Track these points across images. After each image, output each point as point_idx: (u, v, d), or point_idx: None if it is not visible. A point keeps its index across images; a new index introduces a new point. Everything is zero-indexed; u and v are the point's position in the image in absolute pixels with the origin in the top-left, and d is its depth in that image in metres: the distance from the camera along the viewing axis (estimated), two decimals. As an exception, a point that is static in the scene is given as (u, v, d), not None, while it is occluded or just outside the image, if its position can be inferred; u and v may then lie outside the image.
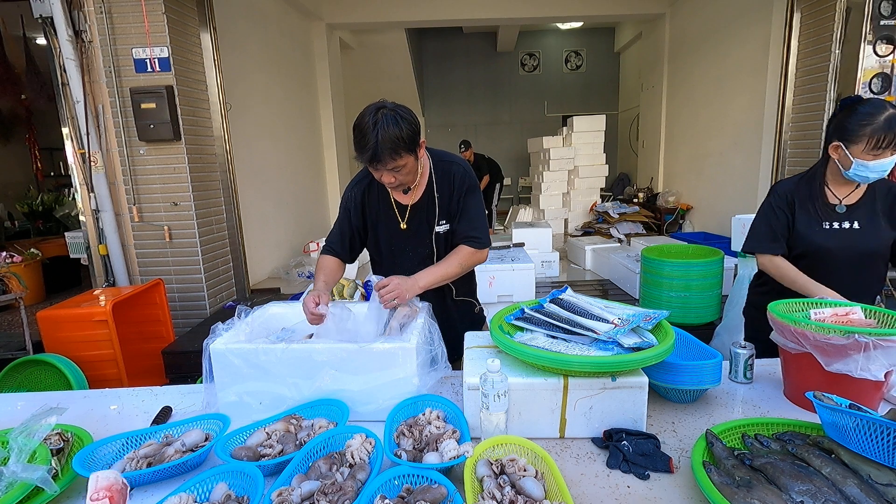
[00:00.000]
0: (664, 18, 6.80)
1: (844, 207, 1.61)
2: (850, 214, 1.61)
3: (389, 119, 1.37)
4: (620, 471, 1.04)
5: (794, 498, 0.84)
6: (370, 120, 1.37)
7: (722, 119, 5.44)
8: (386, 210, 1.65)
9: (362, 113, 1.41)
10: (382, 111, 1.38)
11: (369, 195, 1.65)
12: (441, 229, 1.65)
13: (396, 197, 1.63)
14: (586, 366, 1.09)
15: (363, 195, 1.65)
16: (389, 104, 1.41)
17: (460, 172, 1.63)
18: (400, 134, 1.37)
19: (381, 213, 1.66)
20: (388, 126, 1.36)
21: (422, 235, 1.66)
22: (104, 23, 3.02)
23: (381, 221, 1.67)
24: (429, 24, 6.96)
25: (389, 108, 1.39)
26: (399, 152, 1.39)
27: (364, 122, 1.38)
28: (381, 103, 1.41)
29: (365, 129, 1.37)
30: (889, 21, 3.25)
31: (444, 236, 1.66)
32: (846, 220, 1.60)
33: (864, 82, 3.32)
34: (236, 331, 1.37)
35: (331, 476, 0.97)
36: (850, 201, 1.62)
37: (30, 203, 5.57)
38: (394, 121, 1.37)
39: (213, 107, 3.57)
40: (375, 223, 1.67)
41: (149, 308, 3.08)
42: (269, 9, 5.03)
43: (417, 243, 1.67)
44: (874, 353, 1.07)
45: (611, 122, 8.28)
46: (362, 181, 1.65)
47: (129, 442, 1.15)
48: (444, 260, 1.59)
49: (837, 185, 1.62)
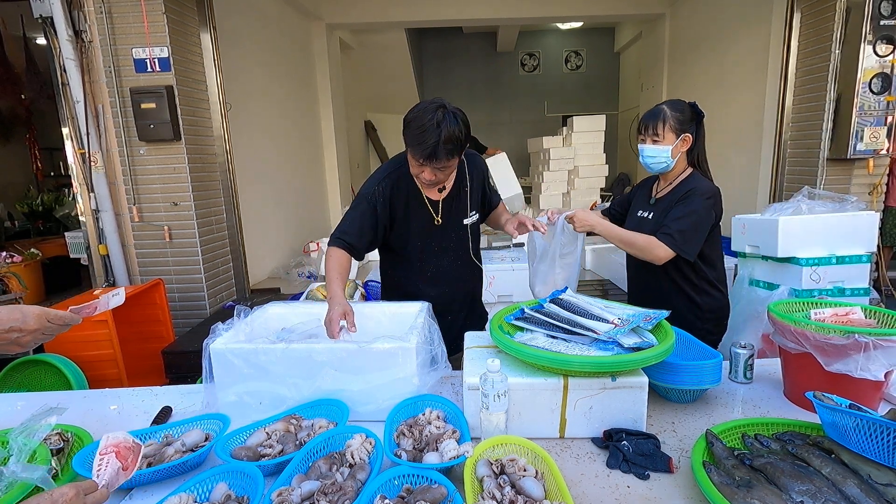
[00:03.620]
0: (664, 18, 6.80)
1: (654, 200, 1.82)
2: (655, 206, 1.80)
3: (451, 119, 1.39)
4: (620, 471, 1.04)
5: (794, 498, 0.84)
6: (433, 118, 1.37)
7: (722, 119, 5.43)
8: (417, 206, 1.64)
9: (421, 108, 1.41)
10: (443, 110, 1.39)
11: (398, 190, 1.62)
12: (469, 221, 1.69)
13: (427, 192, 1.63)
14: (586, 366, 1.09)
15: (392, 190, 1.61)
16: (448, 104, 1.43)
17: (479, 162, 1.71)
18: (460, 136, 1.40)
19: (412, 208, 1.64)
20: (451, 125, 1.38)
21: (453, 228, 1.69)
22: (104, 23, 3.02)
23: (412, 217, 1.65)
24: (429, 24, 6.95)
25: (450, 108, 1.41)
26: (454, 153, 1.42)
27: (425, 119, 1.38)
28: (439, 101, 1.43)
29: (427, 127, 1.37)
30: (889, 21, 3.25)
31: (469, 229, 1.70)
32: (650, 210, 1.81)
33: (864, 82, 3.31)
34: (236, 331, 1.37)
35: (331, 476, 0.97)
36: (661, 195, 1.80)
37: (30, 203, 5.56)
38: (455, 122, 1.39)
39: (213, 107, 3.57)
40: (405, 219, 1.65)
41: (149, 308, 3.08)
42: (269, 9, 5.03)
43: (448, 236, 1.69)
44: (874, 353, 1.07)
45: (611, 122, 8.26)
46: (391, 175, 1.61)
47: (129, 442, 1.15)
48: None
49: (661, 180, 1.83)
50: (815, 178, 3.58)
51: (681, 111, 1.69)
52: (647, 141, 1.72)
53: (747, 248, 2.61)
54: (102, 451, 0.87)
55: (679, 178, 1.76)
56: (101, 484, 0.80)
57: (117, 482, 0.83)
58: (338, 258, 1.56)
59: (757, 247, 2.55)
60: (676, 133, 1.68)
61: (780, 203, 2.50)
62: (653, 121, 1.69)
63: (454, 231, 1.69)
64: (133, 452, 0.88)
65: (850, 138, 3.37)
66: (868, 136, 3.37)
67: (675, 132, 1.68)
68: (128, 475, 0.85)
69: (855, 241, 2.38)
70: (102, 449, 0.87)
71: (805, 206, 2.41)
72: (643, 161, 1.75)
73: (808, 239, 2.37)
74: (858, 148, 3.39)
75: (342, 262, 1.57)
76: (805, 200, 2.45)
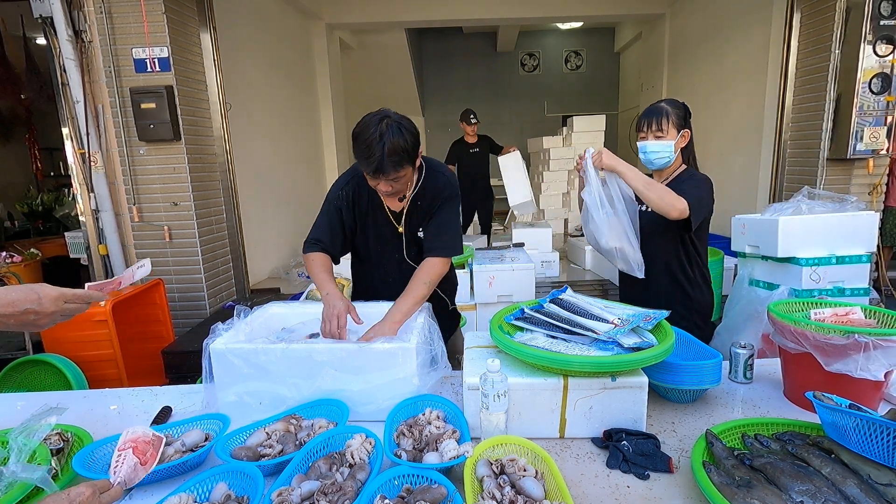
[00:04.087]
0: (664, 18, 6.80)
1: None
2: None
3: (395, 130, 1.36)
4: (620, 471, 1.04)
5: (794, 498, 0.84)
6: (375, 131, 1.35)
7: (722, 119, 5.44)
8: (377, 212, 1.64)
9: (365, 122, 1.39)
10: (387, 121, 1.36)
11: (360, 195, 1.63)
12: (422, 234, 1.66)
13: (387, 202, 1.63)
14: (586, 366, 1.09)
15: (354, 194, 1.62)
16: (392, 114, 1.40)
17: (442, 182, 1.63)
18: (405, 146, 1.37)
19: (371, 214, 1.64)
20: (393, 138, 1.35)
21: (410, 240, 1.68)
22: (104, 23, 3.02)
23: (371, 223, 1.66)
24: (429, 24, 6.95)
25: (394, 118, 1.38)
26: (402, 164, 1.39)
27: (369, 132, 1.36)
28: (384, 112, 1.40)
29: (370, 141, 1.35)
30: (889, 21, 3.25)
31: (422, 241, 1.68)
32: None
33: (864, 82, 3.31)
34: (236, 331, 1.37)
35: (331, 476, 0.97)
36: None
37: (30, 203, 5.56)
38: (399, 132, 1.36)
39: (213, 107, 3.57)
40: (365, 224, 1.66)
41: (149, 308, 3.08)
42: (269, 9, 5.03)
43: (410, 246, 1.68)
44: (874, 353, 1.07)
45: (611, 122, 8.27)
46: (353, 180, 1.63)
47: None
48: (409, 288, 1.49)
49: (659, 176, 1.86)
50: (815, 178, 3.58)
51: (679, 108, 1.76)
52: (650, 137, 1.74)
53: (747, 248, 2.61)
54: (121, 447, 0.86)
55: (675, 173, 1.81)
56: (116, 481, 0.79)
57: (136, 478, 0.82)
58: (319, 260, 1.59)
59: (757, 247, 2.55)
60: (678, 129, 1.74)
61: (780, 203, 2.50)
62: (656, 116, 1.73)
63: (413, 242, 1.68)
64: (153, 446, 0.87)
65: (850, 138, 3.37)
66: (868, 136, 3.37)
67: (677, 127, 1.74)
68: (147, 469, 0.84)
69: (855, 241, 2.38)
70: (121, 445, 0.87)
71: (805, 207, 2.41)
72: (645, 158, 1.77)
73: (808, 239, 2.37)
74: (858, 148, 3.39)
75: (325, 262, 1.59)
76: (805, 200, 2.45)
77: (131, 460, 0.82)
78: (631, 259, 1.75)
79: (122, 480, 0.79)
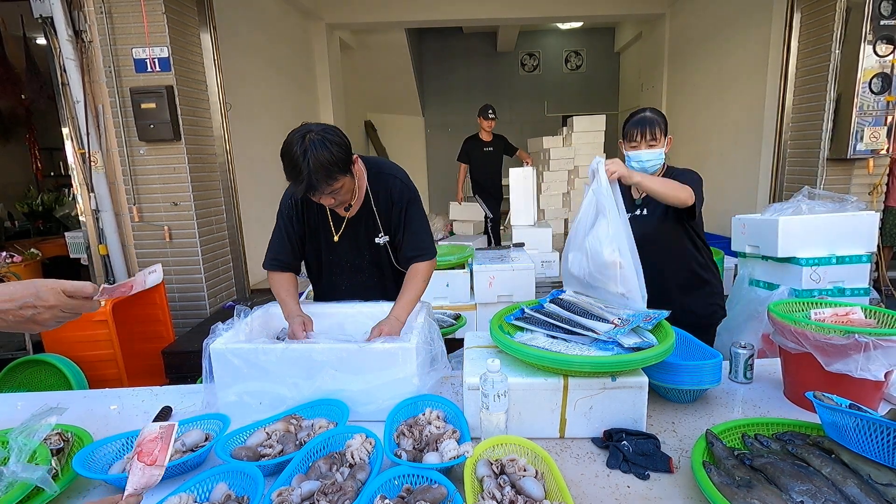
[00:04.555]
0: (664, 18, 6.80)
1: (641, 200, 1.90)
2: (643, 204, 1.89)
3: (318, 145, 1.31)
4: (620, 471, 1.04)
5: (794, 498, 0.84)
6: (298, 149, 1.30)
7: (722, 119, 5.43)
8: (322, 221, 1.62)
9: (288, 141, 1.34)
10: (309, 136, 1.32)
11: (308, 204, 1.59)
12: (381, 241, 1.64)
13: (334, 209, 1.60)
14: (586, 366, 1.09)
15: (302, 203, 1.60)
16: (315, 127, 1.36)
17: (398, 186, 1.60)
18: (332, 158, 1.32)
19: (318, 223, 1.63)
20: (317, 152, 1.30)
21: (357, 248, 1.65)
22: (104, 23, 3.02)
23: (318, 232, 1.64)
24: (429, 24, 6.95)
25: (316, 131, 1.34)
26: (334, 176, 1.35)
27: (293, 151, 1.31)
28: (305, 128, 1.35)
29: (295, 159, 1.31)
30: (889, 21, 3.25)
31: (385, 248, 1.65)
32: (640, 208, 1.89)
33: (864, 82, 3.31)
34: (236, 331, 1.37)
35: (331, 476, 0.97)
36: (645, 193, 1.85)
37: (30, 203, 5.56)
38: (323, 146, 1.31)
39: (213, 107, 3.57)
40: (313, 233, 1.64)
41: (149, 308, 3.08)
42: (270, 9, 5.03)
43: (353, 255, 1.66)
44: (874, 353, 1.07)
45: (611, 122, 8.25)
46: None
47: (129, 442, 1.15)
48: (410, 284, 1.54)
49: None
50: (815, 178, 3.58)
51: (661, 115, 1.84)
52: (642, 146, 1.80)
53: (747, 248, 2.61)
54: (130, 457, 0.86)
55: (661, 173, 1.87)
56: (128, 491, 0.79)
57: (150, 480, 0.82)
58: (280, 279, 1.60)
59: (757, 247, 2.55)
60: (664, 135, 1.83)
61: (780, 203, 2.50)
62: (648, 126, 1.79)
63: (366, 250, 1.65)
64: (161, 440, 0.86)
65: (850, 138, 3.37)
66: (868, 136, 3.37)
67: (664, 134, 1.83)
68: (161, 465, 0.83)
69: (855, 241, 2.38)
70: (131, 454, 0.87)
71: (805, 207, 2.41)
72: (640, 166, 1.81)
73: (808, 239, 2.37)
74: (858, 148, 3.39)
75: (288, 280, 1.61)
76: (805, 200, 2.45)
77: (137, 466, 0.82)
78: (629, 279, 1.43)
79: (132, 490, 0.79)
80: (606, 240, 1.41)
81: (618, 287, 1.38)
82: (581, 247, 1.46)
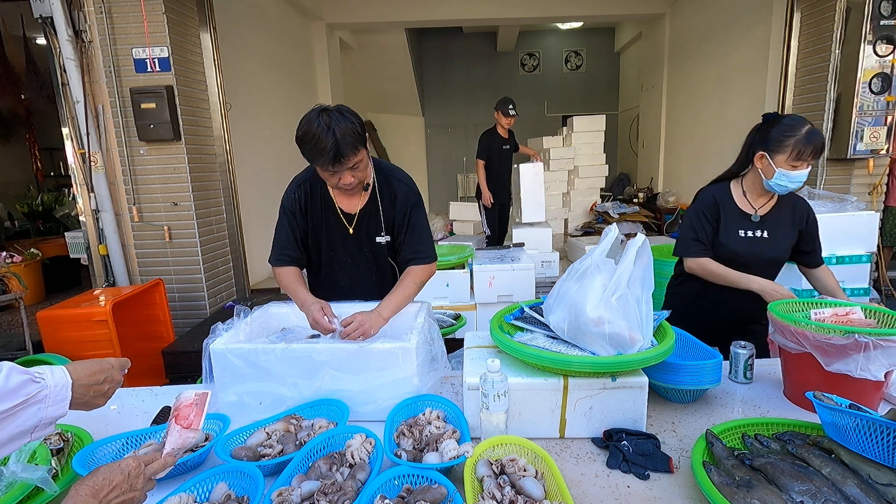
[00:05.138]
0: (664, 18, 6.80)
1: (759, 217, 1.72)
2: (762, 224, 1.72)
3: (338, 117, 1.37)
4: (620, 471, 1.04)
5: (794, 498, 0.84)
6: (321, 122, 1.35)
7: (722, 119, 5.43)
8: (329, 215, 1.63)
9: (307, 120, 1.38)
10: (328, 112, 1.37)
11: (311, 199, 1.61)
12: (382, 240, 1.64)
13: (341, 204, 1.61)
14: (586, 366, 1.09)
15: (306, 199, 1.61)
16: (328, 105, 1.41)
17: (404, 189, 1.62)
18: (353, 128, 1.38)
19: (324, 217, 1.63)
20: (342, 124, 1.36)
21: (363, 244, 1.66)
22: (104, 23, 3.02)
23: (324, 227, 1.64)
24: (429, 24, 6.96)
25: (332, 108, 1.40)
26: (358, 146, 1.40)
27: (313, 127, 1.35)
28: (320, 107, 1.40)
29: (319, 132, 1.35)
30: (889, 21, 3.25)
31: (385, 247, 1.66)
32: (759, 229, 1.71)
33: (864, 82, 3.31)
34: (236, 331, 1.37)
35: (331, 476, 0.97)
36: (764, 211, 1.73)
37: (30, 203, 5.57)
38: (343, 117, 1.37)
39: (213, 107, 3.57)
40: (317, 228, 1.65)
41: (149, 308, 3.08)
42: (270, 9, 5.03)
43: (358, 251, 1.67)
44: (874, 353, 1.07)
45: (611, 122, 8.26)
46: (303, 184, 1.62)
47: (129, 442, 1.15)
48: (401, 285, 1.55)
49: (754, 196, 1.73)
50: (815, 178, 3.58)
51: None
52: (805, 166, 1.59)
53: (747, 248, 2.61)
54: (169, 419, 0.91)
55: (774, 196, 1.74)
56: (165, 451, 0.85)
57: (187, 441, 0.87)
58: (288, 273, 1.61)
59: (757, 247, 2.55)
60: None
61: (780, 203, 2.50)
62: (822, 149, 1.59)
63: (367, 246, 1.67)
64: (196, 406, 0.91)
65: (850, 138, 3.37)
66: (868, 136, 3.37)
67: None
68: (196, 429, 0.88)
69: (855, 241, 2.39)
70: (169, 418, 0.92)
71: (805, 206, 2.40)
72: (789, 185, 1.61)
73: (808, 239, 2.36)
74: (858, 148, 3.39)
75: (295, 273, 1.61)
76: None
77: (175, 429, 0.88)
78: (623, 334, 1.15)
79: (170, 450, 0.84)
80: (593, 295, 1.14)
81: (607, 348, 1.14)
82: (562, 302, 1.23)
